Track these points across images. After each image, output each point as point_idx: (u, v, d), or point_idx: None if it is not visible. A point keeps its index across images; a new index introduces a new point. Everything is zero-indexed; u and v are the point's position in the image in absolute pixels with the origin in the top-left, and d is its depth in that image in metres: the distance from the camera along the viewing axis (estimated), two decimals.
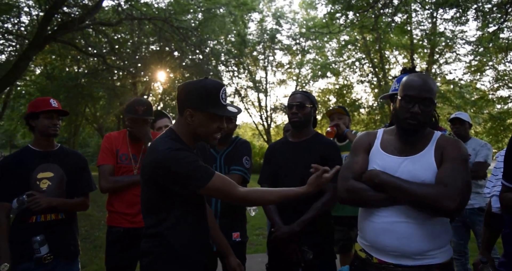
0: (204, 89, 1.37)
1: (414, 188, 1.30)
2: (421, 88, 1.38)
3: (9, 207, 1.88)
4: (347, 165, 1.53)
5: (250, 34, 18.81)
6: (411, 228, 1.34)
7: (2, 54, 12.30)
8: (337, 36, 15.89)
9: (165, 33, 10.87)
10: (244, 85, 20.40)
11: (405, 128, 1.41)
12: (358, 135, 1.65)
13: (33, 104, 2.02)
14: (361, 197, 1.41)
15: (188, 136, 1.46)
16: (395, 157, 1.44)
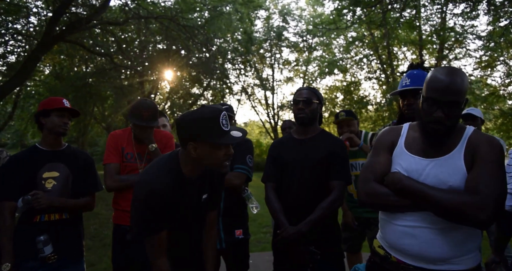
0: (202, 120, 1.30)
1: (440, 196, 1.19)
2: (446, 89, 1.23)
3: (14, 206, 1.88)
4: (368, 165, 1.44)
5: (257, 31, 18.74)
6: (433, 234, 1.26)
7: (12, 55, 12.45)
8: (344, 33, 15.76)
9: (171, 32, 10.89)
10: (251, 83, 20.36)
11: (429, 131, 1.31)
12: (381, 131, 1.55)
13: (46, 102, 2.03)
14: (382, 202, 1.34)
15: (192, 166, 1.43)
16: (420, 158, 1.33)
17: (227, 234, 2.21)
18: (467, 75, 1.31)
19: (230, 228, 2.21)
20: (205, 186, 1.54)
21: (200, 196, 1.52)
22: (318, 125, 2.13)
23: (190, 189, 1.47)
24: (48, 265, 1.89)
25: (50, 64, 14.71)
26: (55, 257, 1.90)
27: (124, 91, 13.82)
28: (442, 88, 1.24)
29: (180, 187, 1.42)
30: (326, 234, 1.96)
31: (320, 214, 1.87)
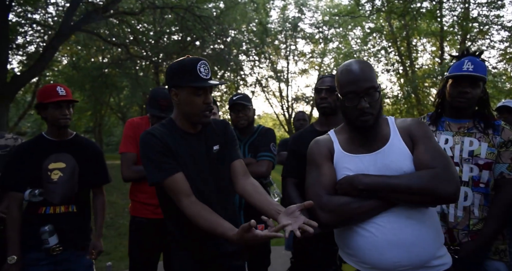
0: (181, 66, 1.36)
1: (407, 181, 1.11)
2: (360, 78, 1.21)
3: (21, 198, 1.82)
4: (313, 180, 1.30)
5: (272, 22, 18.52)
6: (416, 230, 1.13)
7: (31, 45, 12.66)
8: (361, 24, 15.38)
9: (186, 22, 10.83)
10: (265, 75, 20.22)
11: (359, 126, 1.25)
12: (310, 146, 1.44)
13: (41, 93, 1.89)
14: (348, 213, 1.17)
15: (182, 120, 1.44)
16: (363, 155, 1.25)
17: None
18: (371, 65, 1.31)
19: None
20: (213, 138, 1.52)
21: (210, 147, 1.50)
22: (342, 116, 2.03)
23: (194, 142, 1.46)
24: (53, 257, 1.82)
25: (67, 54, 14.88)
26: (60, 249, 1.82)
27: (139, 81, 13.92)
28: (356, 78, 1.22)
29: (180, 139, 1.42)
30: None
31: None
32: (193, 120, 1.42)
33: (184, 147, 1.42)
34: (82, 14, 8.85)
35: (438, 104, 1.80)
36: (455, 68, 1.68)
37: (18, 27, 11.55)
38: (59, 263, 1.85)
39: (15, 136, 2.15)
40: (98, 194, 2.12)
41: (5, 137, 2.10)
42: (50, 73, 16.31)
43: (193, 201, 1.34)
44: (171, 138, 1.40)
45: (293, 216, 1.26)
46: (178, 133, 1.43)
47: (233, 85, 19.22)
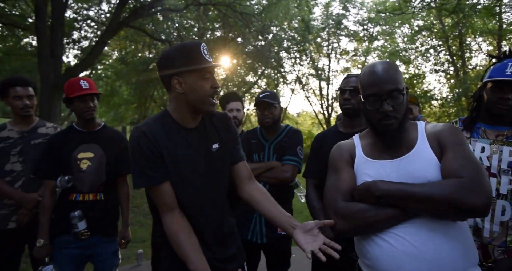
0: (184, 49, 1.25)
1: (428, 190, 1.02)
2: (383, 80, 1.15)
3: (54, 185, 1.95)
4: (331, 185, 1.25)
5: (315, 19, 18.19)
6: (439, 245, 1.04)
7: (86, 40, 13.53)
8: (409, 21, 14.64)
9: (228, 19, 10.97)
10: (306, 72, 19.94)
11: (383, 130, 1.19)
12: (332, 150, 1.39)
13: (66, 88, 1.98)
14: (363, 221, 1.11)
15: (182, 112, 1.31)
16: (386, 161, 1.18)
17: (269, 229, 2.14)
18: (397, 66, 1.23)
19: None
20: (213, 135, 1.40)
21: (209, 145, 1.38)
22: None
23: (192, 139, 1.34)
24: (82, 241, 1.93)
25: (116, 49, 15.70)
26: (88, 234, 1.92)
27: None
28: (379, 80, 1.16)
29: (177, 135, 1.31)
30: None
31: None
32: (200, 108, 1.30)
33: (180, 144, 1.31)
34: (130, 11, 9.29)
35: (473, 108, 1.66)
36: (496, 71, 1.53)
37: (74, 23, 12.43)
38: (87, 247, 1.96)
39: (55, 125, 2.30)
40: (122, 183, 2.18)
41: (46, 126, 2.25)
42: (101, 67, 17.36)
43: (174, 218, 1.27)
44: (165, 135, 1.29)
45: (311, 233, 1.22)
46: (175, 129, 1.32)
47: (273, 82, 19.18)
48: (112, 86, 16.50)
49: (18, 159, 2.08)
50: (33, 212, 2.05)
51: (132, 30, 11.28)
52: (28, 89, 2.12)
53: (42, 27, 7.13)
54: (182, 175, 1.30)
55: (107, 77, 16.91)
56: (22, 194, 2.04)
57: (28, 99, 2.12)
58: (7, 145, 2.08)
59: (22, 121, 2.15)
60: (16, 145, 2.10)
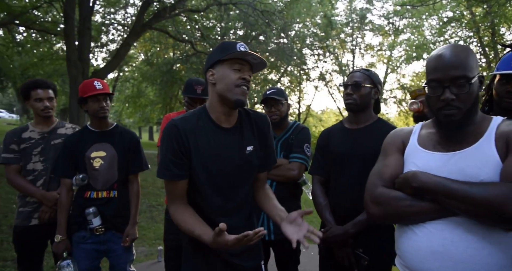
0: (221, 45, 1.34)
1: (468, 188, 0.94)
2: (448, 65, 1.04)
3: (70, 183, 2.05)
4: (376, 170, 1.22)
5: (338, 15, 17.88)
6: (473, 248, 0.96)
7: (113, 43, 14.03)
8: (437, 13, 14.05)
9: (249, 18, 10.99)
10: (329, 69, 19.66)
11: (443, 120, 1.09)
12: (390, 133, 1.34)
13: (81, 88, 2.07)
14: (395, 210, 1.07)
15: (216, 107, 1.34)
16: (439, 153, 1.10)
17: (277, 226, 2.14)
18: (473, 51, 1.10)
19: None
20: (250, 136, 1.41)
21: (243, 147, 1.38)
22: (373, 113, 1.89)
23: (227, 139, 1.35)
24: (97, 237, 2.01)
25: (142, 51, 16.15)
26: (102, 230, 2.01)
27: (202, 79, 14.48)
28: (443, 64, 1.05)
29: (211, 134, 1.33)
30: (377, 238, 1.72)
31: None
32: (227, 98, 1.30)
33: (212, 144, 1.32)
34: (152, 13, 9.54)
35: (485, 101, 1.60)
36: (503, 63, 1.47)
37: (102, 27, 12.92)
38: (102, 242, 2.05)
39: (74, 126, 2.40)
40: (133, 181, 2.22)
41: (65, 126, 2.36)
42: (128, 69, 17.94)
43: (180, 205, 1.34)
44: (198, 132, 1.31)
45: (296, 223, 1.25)
46: (209, 126, 1.33)
47: (296, 79, 19.06)
48: (138, 87, 17.00)
49: (39, 158, 2.20)
50: (54, 210, 2.16)
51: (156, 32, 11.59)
52: (48, 91, 2.23)
53: (70, 32, 7.49)
54: (211, 174, 1.32)
55: (134, 79, 17.44)
56: (43, 193, 2.15)
57: (48, 100, 2.23)
58: (29, 145, 2.20)
59: (43, 122, 2.27)
60: (37, 145, 2.21)
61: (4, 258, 3.50)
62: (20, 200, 2.21)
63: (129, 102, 18.58)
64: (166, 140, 1.30)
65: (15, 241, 2.20)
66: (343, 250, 1.72)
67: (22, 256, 2.21)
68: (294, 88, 20.20)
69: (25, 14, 9.34)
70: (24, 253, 2.20)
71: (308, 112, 21.80)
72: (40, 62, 13.14)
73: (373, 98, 1.84)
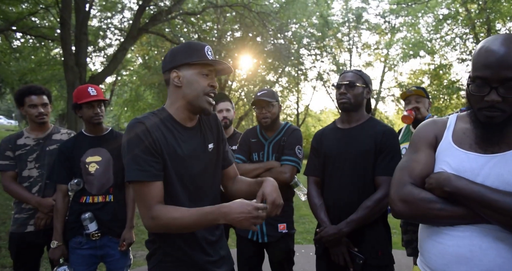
0: (188, 46, 1.29)
1: (509, 200, 0.89)
2: (499, 64, 0.92)
3: (66, 189, 2.06)
4: (404, 165, 1.14)
5: (334, 15, 17.92)
6: (503, 257, 0.92)
7: (110, 47, 14.04)
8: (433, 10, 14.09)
9: (245, 19, 11.02)
10: (327, 69, 19.69)
11: (483, 121, 1.00)
12: (421, 124, 1.23)
13: (75, 94, 2.07)
14: (423, 211, 1.02)
15: (179, 108, 1.30)
16: (475, 154, 1.02)
17: (270, 228, 2.14)
18: None
19: (273, 221, 2.13)
20: (209, 135, 1.41)
21: (206, 145, 1.37)
22: (365, 112, 1.91)
23: (192, 137, 1.33)
24: (93, 242, 2.02)
25: (139, 55, 16.17)
26: (99, 235, 2.01)
27: None
28: (494, 62, 0.93)
29: (177, 132, 1.29)
30: (372, 236, 1.73)
31: (364, 213, 1.66)
32: (194, 104, 1.28)
33: (179, 143, 1.28)
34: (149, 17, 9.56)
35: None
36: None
37: (99, 32, 12.94)
38: (99, 247, 2.05)
39: (69, 131, 2.40)
40: (129, 186, 2.21)
41: (60, 132, 2.36)
42: (126, 73, 17.95)
43: (164, 206, 1.20)
44: (164, 131, 1.26)
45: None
46: (173, 126, 1.30)
47: (294, 80, 19.08)
48: (136, 91, 17.02)
49: (34, 165, 2.20)
50: (49, 216, 2.16)
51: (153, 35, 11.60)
52: (43, 97, 2.24)
53: (67, 37, 7.50)
54: (180, 174, 1.28)
55: (132, 83, 17.45)
56: (38, 199, 2.16)
57: (42, 107, 2.23)
58: (24, 152, 2.21)
59: (37, 128, 2.27)
60: (32, 152, 2.22)
61: (3, 264, 3.51)
62: (16, 206, 2.22)
63: (127, 106, 18.59)
64: (134, 138, 1.20)
65: (11, 248, 2.21)
66: (338, 249, 1.73)
67: (18, 263, 2.21)
68: (292, 89, 20.22)
69: (22, 20, 9.36)
70: (21, 259, 2.21)
71: (306, 112, 21.81)
72: (37, 68, 13.16)
73: (365, 97, 1.86)
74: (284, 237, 2.16)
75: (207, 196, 1.37)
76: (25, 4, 9.90)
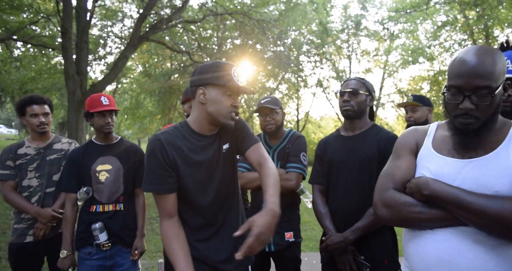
0: (217, 66, 1.37)
1: (483, 202, 0.92)
2: (471, 73, 0.98)
3: (75, 198, 2.04)
4: (387, 171, 1.19)
5: (333, 22, 18.06)
6: (480, 259, 0.95)
7: (111, 55, 14.11)
8: (431, 17, 14.19)
9: (245, 27, 11.09)
10: (327, 75, 19.77)
11: (459, 127, 1.06)
12: (404, 132, 1.29)
13: (88, 103, 2.08)
14: (405, 215, 1.05)
15: (202, 121, 1.40)
16: (453, 159, 1.06)
17: (277, 236, 2.10)
18: (502, 54, 1.02)
19: (280, 230, 2.08)
20: (225, 136, 1.47)
21: (220, 148, 1.44)
22: (368, 119, 1.91)
23: (209, 145, 1.41)
24: (103, 252, 2.00)
25: (139, 63, 16.24)
26: (109, 245, 2.00)
27: None
28: (467, 71, 0.99)
29: (195, 143, 1.39)
30: (378, 244, 1.72)
31: (369, 221, 1.65)
32: (217, 120, 1.38)
33: (196, 152, 1.38)
34: (149, 25, 9.61)
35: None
36: None
37: (100, 40, 13.01)
38: (109, 257, 2.03)
39: (70, 141, 2.40)
40: (139, 194, 2.23)
41: (61, 141, 2.35)
42: (126, 81, 18.01)
43: (172, 225, 1.36)
44: (182, 144, 1.36)
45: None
46: (193, 136, 1.40)
47: (294, 86, 19.14)
48: (137, 99, 17.04)
49: (34, 174, 2.18)
50: (48, 226, 2.14)
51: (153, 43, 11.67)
52: (44, 107, 2.23)
53: (68, 46, 7.52)
54: (199, 181, 1.38)
55: (132, 90, 17.49)
56: (37, 209, 2.13)
57: (44, 116, 2.22)
58: (24, 161, 2.19)
59: (39, 137, 2.26)
60: (33, 161, 2.20)
61: None
62: (16, 216, 2.20)
63: (127, 113, 18.61)
64: (151, 154, 1.33)
65: (11, 259, 2.18)
66: (344, 257, 1.71)
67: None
68: (292, 95, 20.27)
69: (22, 29, 9.41)
70: (20, 270, 2.17)
71: (306, 119, 21.83)
72: (38, 76, 13.19)
73: (368, 105, 1.87)
74: (291, 246, 2.13)
75: (229, 193, 1.46)
76: (26, 13, 9.97)
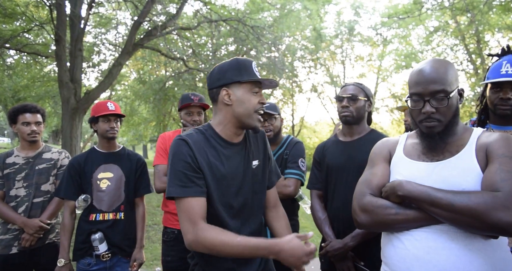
0: (237, 63, 1.29)
1: (451, 197, 0.98)
2: (427, 80, 1.10)
3: (73, 205, 2.01)
4: (364, 178, 1.26)
5: (327, 28, 18.22)
6: (455, 256, 1.00)
7: (105, 63, 14.06)
8: (424, 22, 14.38)
9: (239, 33, 11.14)
10: (321, 80, 19.90)
11: (425, 131, 1.15)
12: (377, 143, 1.37)
13: (94, 108, 2.10)
14: (382, 217, 1.10)
15: (227, 125, 1.31)
16: (423, 163, 1.15)
17: None
18: (453, 65, 1.16)
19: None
20: (254, 152, 1.39)
21: (250, 162, 1.36)
22: (366, 125, 1.92)
23: (235, 154, 1.32)
24: (103, 263, 1.99)
25: (134, 70, 16.21)
26: (109, 256, 1.99)
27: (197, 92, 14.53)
28: (423, 79, 1.11)
29: (220, 148, 1.29)
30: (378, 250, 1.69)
31: None
32: (245, 122, 1.29)
33: (224, 160, 1.29)
34: (144, 32, 9.61)
35: (481, 110, 1.62)
36: (493, 71, 1.50)
37: (94, 47, 12.97)
38: (109, 268, 2.00)
39: (60, 150, 2.37)
40: (139, 204, 2.20)
41: (51, 151, 2.32)
42: (121, 88, 17.94)
43: (208, 225, 1.19)
44: (209, 148, 1.27)
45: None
46: (218, 142, 1.30)
47: (288, 91, 19.21)
48: (131, 106, 16.98)
49: (22, 184, 2.15)
50: (35, 237, 2.09)
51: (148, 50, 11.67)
52: (37, 116, 2.20)
53: (62, 54, 7.48)
54: (225, 191, 1.28)
55: (126, 98, 17.42)
56: (24, 220, 2.09)
57: (36, 125, 2.19)
58: (12, 171, 2.15)
59: (28, 146, 2.22)
60: (21, 171, 2.17)
61: None
62: (2, 227, 2.15)
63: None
64: (177, 155, 1.22)
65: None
66: (344, 264, 1.70)
67: None
68: (287, 101, 20.34)
69: (16, 37, 9.35)
70: None
71: (302, 124, 21.89)
72: (31, 84, 13.09)
73: (367, 110, 1.87)
74: None
75: (253, 214, 1.38)
76: (19, 21, 9.92)
